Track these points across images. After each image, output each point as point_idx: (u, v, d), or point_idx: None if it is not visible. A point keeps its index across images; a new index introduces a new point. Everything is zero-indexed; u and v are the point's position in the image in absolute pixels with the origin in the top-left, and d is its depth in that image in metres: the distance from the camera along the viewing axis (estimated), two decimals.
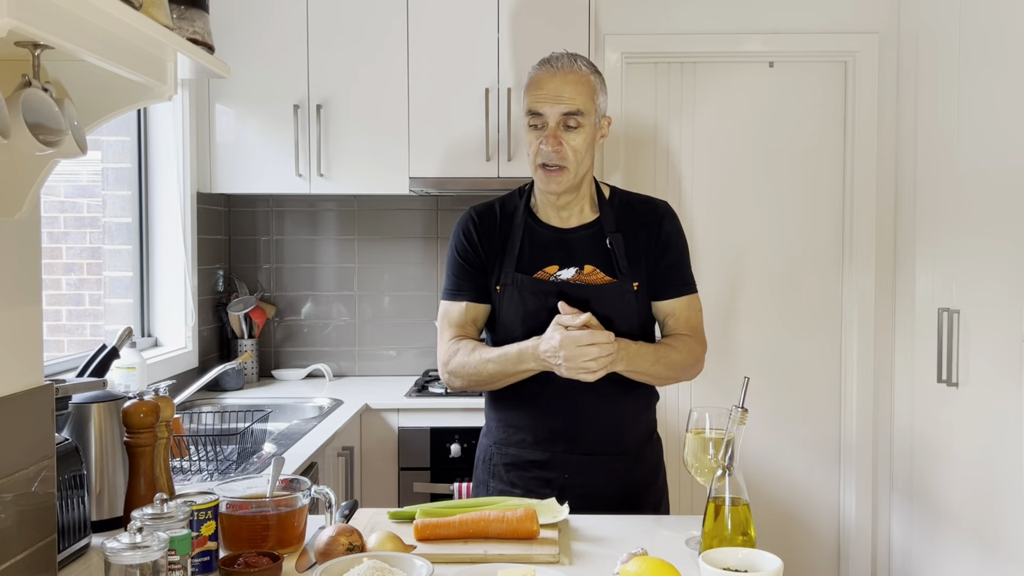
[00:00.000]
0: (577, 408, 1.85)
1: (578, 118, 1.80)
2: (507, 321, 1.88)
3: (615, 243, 1.87)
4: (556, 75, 1.81)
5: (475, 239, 1.92)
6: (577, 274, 1.86)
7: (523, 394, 1.87)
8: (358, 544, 1.41)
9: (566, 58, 1.84)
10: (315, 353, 3.57)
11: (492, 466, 1.94)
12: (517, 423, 1.90)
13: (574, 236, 1.90)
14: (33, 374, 1.33)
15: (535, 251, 1.89)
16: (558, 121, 1.80)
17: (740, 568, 1.27)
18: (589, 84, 1.82)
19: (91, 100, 1.31)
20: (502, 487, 1.90)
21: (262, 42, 3.14)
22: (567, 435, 1.86)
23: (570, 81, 1.80)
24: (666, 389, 3.64)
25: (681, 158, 3.64)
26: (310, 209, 3.57)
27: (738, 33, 3.53)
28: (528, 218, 1.92)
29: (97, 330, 2.94)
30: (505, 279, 1.87)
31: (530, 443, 1.89)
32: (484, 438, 2.00)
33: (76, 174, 2.94)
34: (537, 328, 1.82)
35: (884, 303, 3.56)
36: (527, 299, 1.85)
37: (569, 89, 1.79)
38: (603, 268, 1.86)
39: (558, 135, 1.80)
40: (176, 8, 1.38)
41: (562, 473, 1.86)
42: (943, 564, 3.11)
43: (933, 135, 3.19)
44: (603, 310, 1.82)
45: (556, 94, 1.79)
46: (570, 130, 1.80)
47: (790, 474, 3.66)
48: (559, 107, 1.79)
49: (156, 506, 1.30)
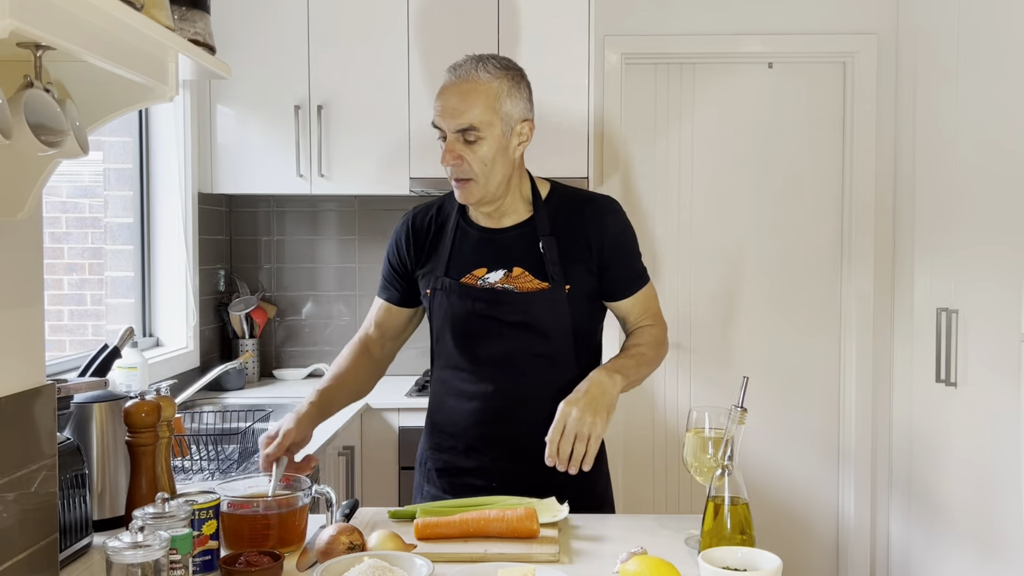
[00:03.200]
0: (507, 416, 1.81)
1: (475, 132, 1.72)
2: (438, 325, 1.86)
3: (547, 246, 1.80)
4: (453, 86, 1.74)
5: (403, 247, 1.91)
6: (505, 277, 1.81)
7: (455, 401, 1.85)
8: (359, 543, 1.41)
9: (469, 64, 1.75)
10: (316, 353, 3.58)
11: (427, 471, 1.91)
12: (448, 429, 1.87)
13: (505, 236, 1.84)
14: (35, 374, 1.34)
15: (465, 253, 1.85)
16: (455, 136, 1.73)
17: (739, 567, 1.28)
18: (489, 93, 1.73)
19: (93, 101, 1.31)
20: (435, 492, 1.88)
21: (263, 43, 3.14)
22: (496, 443, 1.82)
23: (465, 92, 1.72)
24: (665, 389, 3.65)
25: (680, 159, 3.65)
26: (311, 209, 3.57)
27: (737, 34, 3.53)
28: (460, 219, 1.88)
29: (99, 330, 2.94)
30: (435, 284, 1.84)
31: (460, 450, 1.85)
32: (421, 441, 1.96)
33: (78, 174, 2.95)
34: (466, 332, 1.81)
35: (883, 303, 3.57)
36: (455, 304, 1.82)
37: (463, 103, 1.71)
38: (533, 270, 1.80)
39: (456, 149, 1.73)
40: (177, 9, 1.38)
41: (490, 481, 1.81)
42: (942, 563, 3.11)
43: (932, 135, 3.19)
44: (532, 315, 1.79)
45: (451, 107, 1.72)
46: (470, 144, 1.73)
47: (789, 473, 3.67)
48: (453, 122, 1.72)
49: (157, 505, 1.30)
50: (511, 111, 1.76)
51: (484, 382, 1.81)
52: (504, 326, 1.80)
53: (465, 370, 1.84)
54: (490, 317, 1.80)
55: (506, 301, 1.79)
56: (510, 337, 1.80)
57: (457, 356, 1.84)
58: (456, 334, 1.83)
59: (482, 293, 1.81)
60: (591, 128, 3.10)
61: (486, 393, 1.81)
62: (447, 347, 1.86)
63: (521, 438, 1.79)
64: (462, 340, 1.82)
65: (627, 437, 3.64)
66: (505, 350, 1.81)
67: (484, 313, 1.80)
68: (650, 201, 3.65)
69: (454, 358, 1.85)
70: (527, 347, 1.80)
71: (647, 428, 3.68)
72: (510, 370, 1.81)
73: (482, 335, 1.81)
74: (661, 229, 3.65)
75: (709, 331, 3.67)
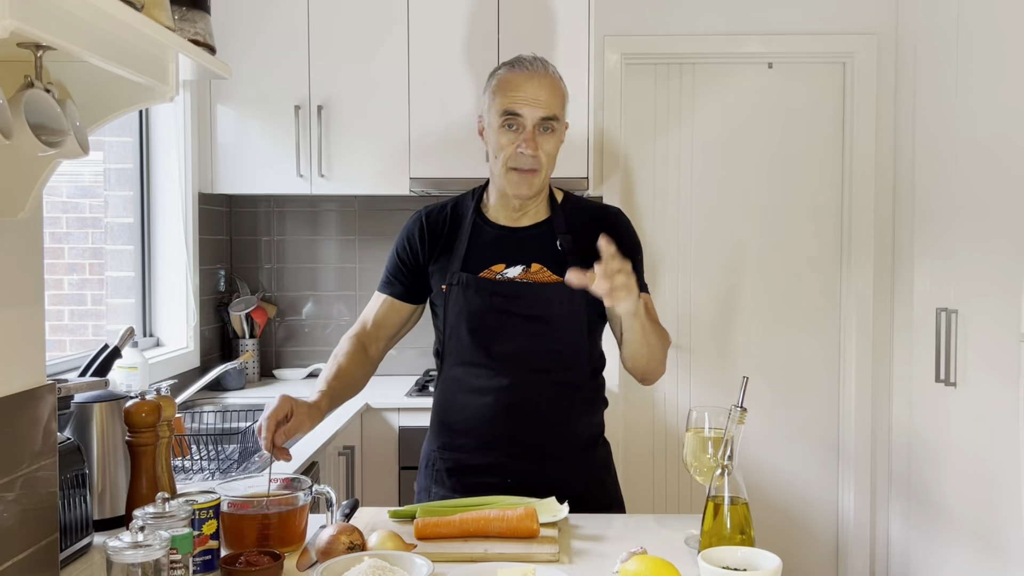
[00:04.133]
0: (519, 413, 1.81)
1: (553, 123, 1.79)
2: (452, 320, 1.85)
3: (565, 243, 1.84)
4: (533, 78, 1.79)
5: (417, 243, 1.91)
6: (524, 272, 1.83)
7: (465, 398, 1.85)
8: (359, 543, 1.42)
9: (540, 62, 1.82)
10: (316, 353, 3.58)
11: (434, 471, 1.90)
12: (459, 428, 1.87)
13: (523, 234, 1.87)
14: (35, 374, 1.34)
15: (482, 250, 1.87)
16: (536, 124, 1.78)
17: (739, 567, 1.28)
18: (561, 90, 1.83)
19: (93, 101, 1.31)
20: (444, 492, 1.87)
21: (263, 43, 3.14)
22: (509, 440, 1.82)
23: (546, 86, 1.79)
24: (665, 389, 3.65)
25: (680, 159, 3.65)
26: (311, 209, 3.58)
27: (737, 34, 3.54)
28: (477, 217, 1.90)
29: (99, 330, 2.94)
30: (451, 279, 1.85)
31: (471, 447, 1.85)
32: (427, 443, 1.96)
33: (78, 175, 2.95)
34: (482, 327, 1.81)
35: (882, 303, 3.57)
36: (471, 298, 1.83)
37: (546, 93, 1.78)
38: (551, 267, 1.83)
39: (536, 138, 1.78)
40: (178, 9, 1.38)
41: (504, 478, 1.82)
42: (941, 562, 3.11)
43: (931, 136, 3.19)
44: (549, 309, 1.80)
45: (535, 97, 1.77)
46: (545, 133, 1.79)
47: (789, 473, 3.67)
48: (538, 110, 1.77)
49: (158, 505, 1.30)
50: (568, 111, 1.87)
51: (499, 376, 1.81)
52: (521, 320, 1.81)
53: (480, 365, 1.84)
54: (507, 312, 1.81)
55: (524, 295, 1.81)
56: (526, 332, 1.81)
57: (471, 351, 1.84)
58: (472, 328, 1.83)
59: (500, 287, 1.82)
60: (591, 128, 3.10)
61: (501, 387, 1.81)
62: (461, 342, 1.85)
63: (535, 435, 1.82)
64: (478, 335, 1.82)
65: (627, 437, 3.64)
66: (520, 345, 1.82)
67: (501, 308, 1.81)
68: (650, 201, 3.65)
69: (468, 353, 1.85)
70: (542, 343, 1.82)
71: (647, 428, 3.68)
72: (525, 365, 1.82)
73: (498, 330, 1.82)
74: (661, 229, 3.65)
75: (709, 331, 3.67)
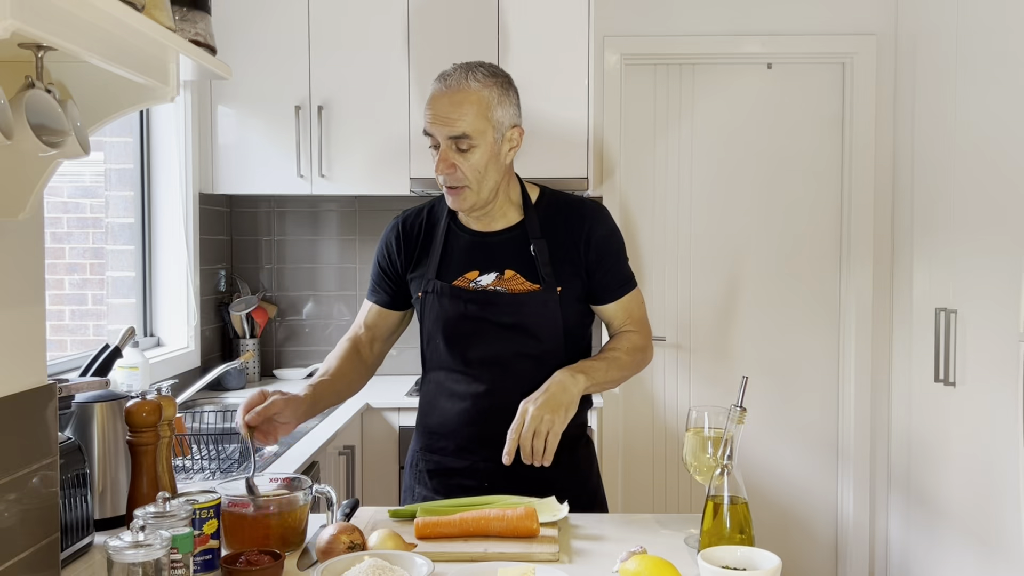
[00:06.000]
0: (496, 417, 1.78)
1: (468, 141, 1.72)
2: (429, 327, 1.86)
3: (538, 249, 1.81)
4: (444, 95, 1.74)
5: (394, 251, 1.91)
6: (497, 279, 1.82)
7: (445, 403, 1.86)
8: (359, 542, 1.42)
9: (459, 73, 1.76)
10: (316, 353, 3.58)
11: (417, 472, 1.92)
12: (440, 430, 1.87)
13: (496, 240, 1.85)
14: (36, 374, 1.34)
15: (456, 257, 1.86)
16: (448, 144, 1.73)
17: (738, 566, 1.28)
18: (480, 101, 1.73)
19: (94, 101, 1.31)
20: (426, 493, 1.88)
21: (264, 44, 3.15)
22: (488, 443, 1.79)
23: (457, 102, 1.72)
24: (665, 389, 3.65)
25: (680, 159, 3.65)
26: (311, 209, 3.58)
27: (737, 35, 3.54)
28: (451, 223, 1.89)
29: (100, 330, 2.95)
30: (426, 287, 1.85)
31: (452, 450, 1.86)
32: (412, 443, 1.97)
33: (79, 175, 2.96)
34: (458, 334, 1.81)
35: (882, 303, 3.57)
36: (446, 306, 1.82)
37: (455, 111, 1.72)
38: (524, 273, 1.81)
39: (449, 158, 1.74)
40: (178, 10, 1.39)
41: (482, 482, 1.82)
42: (941, 562, 3.11)
43: (931, 136, 3.19)
44: (525, 317, 1.80)
45: (444, 116, 1.73)
46: (463, 152, 1.73)
47: (788, 473, 3.67)
48: (446, 130, 1.72)
49: (158, 505, 1.30)
50: (502, 118, 1.77)
51: (476, 383, 1.82)
52: (496, 328, 1.81)
53: (457, 371, 1.84)
54: (482, 319, 1.81)
55: (498, 303, 1.80)
56: (502, 339, 1.81)
57: (448, 358, 1.85)
58: (447, 336, 1.83)
59: (474, 295, 1.81)
60: (591, 128, 3.10)
61: (478, 393, 1.82)
62: (438, 349, 1.86)
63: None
64: (453, 342, 1.82)
65: (627, 437, 3.64)
66: (497, 352, 1.81)
67: (476, 315, 1.80)
68: (649, 201, 3.65)
69: (445, 360, 1.85)
70: (519, 348, 1.81)
71: (647, 428, 3.68)
72: (502, 371, 1.81)
73: (474, 337, 1.82)
74: (660, 229, 3.65)
75: (709, 331, 3.67)
